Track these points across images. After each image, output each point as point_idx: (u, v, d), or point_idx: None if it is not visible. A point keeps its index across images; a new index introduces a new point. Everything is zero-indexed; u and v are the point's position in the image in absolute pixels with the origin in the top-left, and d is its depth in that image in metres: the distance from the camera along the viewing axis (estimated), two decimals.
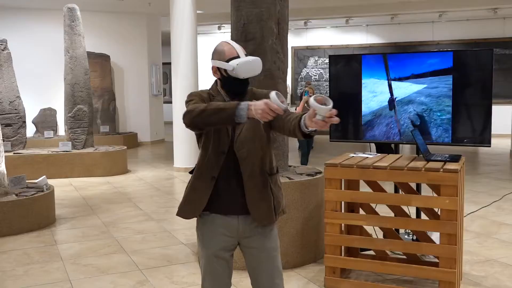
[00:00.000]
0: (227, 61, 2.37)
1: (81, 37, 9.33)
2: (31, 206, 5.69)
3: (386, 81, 4.59)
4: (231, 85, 2.43)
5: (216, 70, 2.43)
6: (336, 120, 2.00)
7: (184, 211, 2.58)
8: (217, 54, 2.42)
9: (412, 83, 4.51)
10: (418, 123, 4.44)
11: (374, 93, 4.66)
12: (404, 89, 4.56)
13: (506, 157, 10.78)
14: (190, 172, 2.56)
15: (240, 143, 2.40)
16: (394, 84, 4.57)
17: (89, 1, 11.53)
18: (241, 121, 2.18)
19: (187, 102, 2.42)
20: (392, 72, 4.58)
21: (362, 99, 4.69)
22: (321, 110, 2.00)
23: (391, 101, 4.57)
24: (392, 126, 4.60)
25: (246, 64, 2.35)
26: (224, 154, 2.42)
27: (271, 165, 2.51)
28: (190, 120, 2.26)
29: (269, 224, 2.49)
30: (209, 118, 2.22)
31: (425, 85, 4.48)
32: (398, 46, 15.65)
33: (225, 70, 2.38)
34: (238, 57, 2.37)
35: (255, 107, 2.12)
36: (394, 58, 4.61)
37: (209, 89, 2.54)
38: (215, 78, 2.50)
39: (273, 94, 2.14)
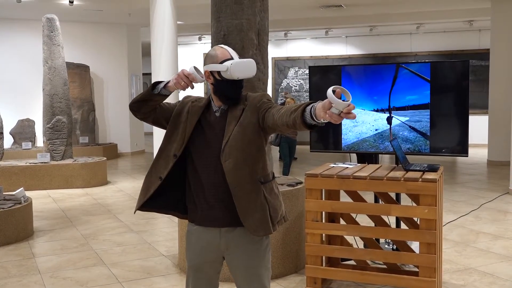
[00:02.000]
0: (221, 63, 2.32)
1: (60, 47, 9.26)
2: (8, 219, 5.59)
3: (371, 111, 4.53)
4: (224, 89, 2.36)
5: (209, 75, 2.36)
6: (353, 116, 1.84)
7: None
8: (210, 58, 2.36)
9: (394, 114, 4.49)
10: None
11: (355, 122, 4.58)
12: (385, 120, 4.50)
13: (483, 167, 10.94)
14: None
15: (226, 153, 2.32)
16: (377, 115, 4.51)
17: (68, 12, 11.45)
18: (159, 92, 2.41)
19: None
20: (376, 104, 4.55)
21: (342, 128, 4.62)
22: (339, 105, 1.82)
23: (389, 118, 4.52)
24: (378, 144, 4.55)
25: (241, 64, 2.31)
26: (175, 157, 2.40)
27: (265, 172, 2.40)
28: (129, 106, 2.51)
29: (265, 235, 2.38)
30: (136, 97, 2.47)
31: (407, 118, 4.43)
32: (377, 57, 15.84)
33: (219, 73, 2.32)
34: (231, 58, 2.33)
35: (172, 77, 2.37)
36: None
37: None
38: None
39: (191, 66, 2.35)
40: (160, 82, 2.44)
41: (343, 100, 1.84)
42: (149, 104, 2.45)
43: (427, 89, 4.38)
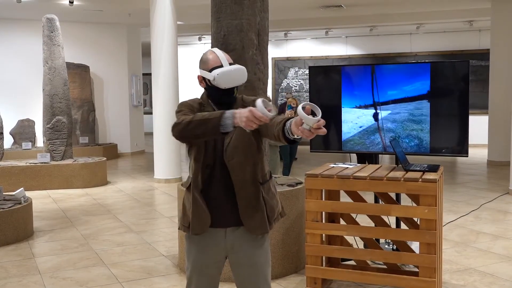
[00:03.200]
0: (210, 70, 2.32)
1: (60, 47, 9.26)
2: (8, 219, 5.59)
3: (352, 109, 4.62)
4: (215, 95, 2.38)
5: (202, 79, 2.38)
6: (323, 131, 1.91)
7: (194, 228, 2.41)
8: (202, 63, 2.38)
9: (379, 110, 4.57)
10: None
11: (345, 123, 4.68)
12: (369, 116, 4.60)
13: (483, 167, 10.94)
14: (184, 185, 2.51)
15: (229, 153, 2.34)
16: (360, 111, 4.60)
17: (68, 12, 11.45)
18: (227, 131, 2.12)
19: (176, 113, 2.39)
20: (358, 100, 4.62)
21: (342, 128, 4.72)
22: (308, 120, 1.89)
23: (376, 114, 4.57)
24: (374, 140, 4.61)
25: (227, 74, 2.30)
26: (209, 167, 2.38)
27: (263, 173, 2.44)
28: (178, 133, 2.23)
29: (263, 234, 2.42)
30: (195, 130, 2.18)
31: (389, 111, 4.53)
32: (377, 57, 15.84)
33: (209, 80, 2.34)
34: (221, 66, 2.32)
35: (240, 115, 2.06)
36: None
37: (200, 98, 2.50)
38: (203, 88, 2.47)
39: (259, 101, 2.06)
40: (222, 117, 2.13)
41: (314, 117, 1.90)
42: (209, 137, 2.29)
43: (405, 84, 4.47)
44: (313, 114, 1.94)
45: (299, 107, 1.91)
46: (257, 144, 2.40)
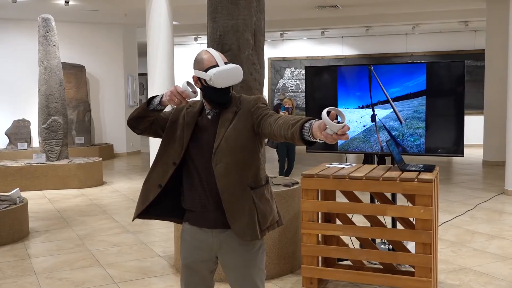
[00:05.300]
0: (206, 70, 2.31)
1: (56, 47, 9.24)
2: (3, 220, 5.57)
3: (355, 109, 4.61)
4: (211, 95, 2.36)
5: (197, 80, 2.37)
6: (346, 137, 1.87)
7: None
8: (197, 63, 2.36)
9: (379, 109, 4.56)
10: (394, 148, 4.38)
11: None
12: (369, 116, 4.58)
13: (479, 167, 10.97)
14: None
15: (218, 157, 2.32)
16: (363, 111, 4.59)
17: (64, 12, 11.43)
18: (154, 108, 2.40)
19: None
20: (360, 100, 4.61)
21: None
22: (333, 127, 1.84)
23: (373, 116, 4.57)
24: (372, 142, 4.61)
25: (223, 73, 2.29)
26: (175, 165, 2.40)
27: (257, 177, 2.39)
28: (127, 122, 2.50)
29: (252, 240, 2.37)
30: (133, 113, 2.47)
31: (391, 110, 4.52)
32: (372, 57, 15.87)
33: (205, 80, 2.33)
34: (217, 65, 2.31)
35: (166, 92, 2.35)
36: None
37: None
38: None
39: (183, 81, 2.33)
40: (154, 97, 2.43)
41: (338, 122, 1.87)
42: (146, 119, 2.46)
43: (407, 80, 4.46)
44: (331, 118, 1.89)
45: (324, 112, 1.86)
46: (251, 148, 2.36)
